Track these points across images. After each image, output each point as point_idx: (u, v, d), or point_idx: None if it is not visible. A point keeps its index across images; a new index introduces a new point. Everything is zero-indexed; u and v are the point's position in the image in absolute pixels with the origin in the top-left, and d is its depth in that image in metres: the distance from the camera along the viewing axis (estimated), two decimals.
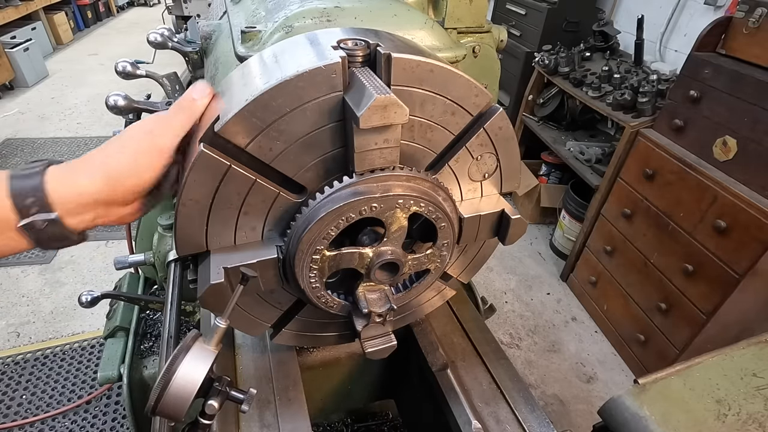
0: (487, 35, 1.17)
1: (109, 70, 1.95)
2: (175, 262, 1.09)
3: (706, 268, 2.08)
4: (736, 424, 0.78)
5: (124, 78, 1.08)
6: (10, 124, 4.80)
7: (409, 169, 0.67)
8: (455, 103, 0.67)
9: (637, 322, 2.53)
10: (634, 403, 0.81)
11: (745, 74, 1.94)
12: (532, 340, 2.79)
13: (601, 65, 2.88)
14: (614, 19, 3.37)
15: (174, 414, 0.54)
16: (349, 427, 1.48)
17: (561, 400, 2.46)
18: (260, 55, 0.67)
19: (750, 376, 0.86)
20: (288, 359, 0.97)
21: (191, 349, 0.56)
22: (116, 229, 3.40)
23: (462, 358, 1.00)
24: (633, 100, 2.49)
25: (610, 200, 2.66)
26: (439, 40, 0.93)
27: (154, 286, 1.65)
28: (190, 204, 0.62)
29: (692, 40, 2.21)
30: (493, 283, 3.18)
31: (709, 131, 2.11)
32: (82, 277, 3.02)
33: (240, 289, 0.62)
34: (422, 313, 0.96)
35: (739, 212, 1.93)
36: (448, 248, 0.76)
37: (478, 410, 0.89)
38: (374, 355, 0.82)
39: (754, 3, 1.93)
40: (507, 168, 0.78)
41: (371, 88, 0.56)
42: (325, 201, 0.64)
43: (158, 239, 1.34)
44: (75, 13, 7.67)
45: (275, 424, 0.84)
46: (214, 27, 1.12)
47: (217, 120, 0.58)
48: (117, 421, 2.22)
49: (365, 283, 0.75)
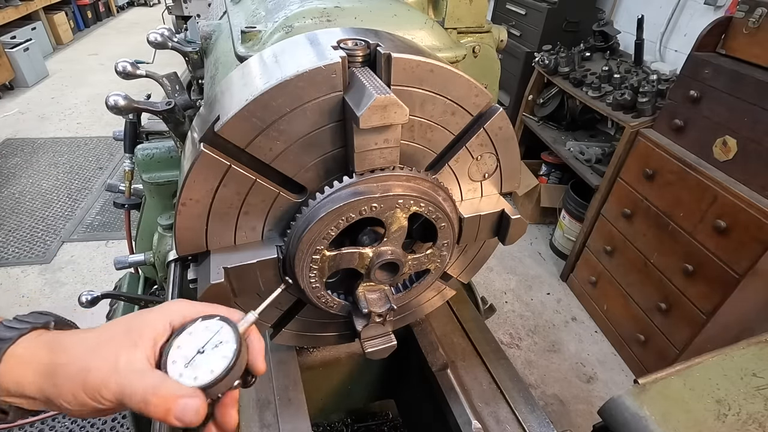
0: (487, 35, 1.17)
1: (109, 70, 1.96)
2: (175, 262, 1.09)
3: (706, 268, 2.08)
4: (736, 424, 0.78)
5: (124, 78, 1.08)
6: (10, 124, 4.80)
7: (409, 169, 0.67)
8: (455, 103, 0.67)
9: (637, 322, 2.53)
10: (634, 403, 0.81)
11: (745, 74, 1.94)
12: (532, 340, 2.79)
13: (601, 65, 2.88)
14: (614, 19, 3.37)
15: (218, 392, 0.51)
16: (349, 427, 1.48)
17: (561, 400, 2.46)
18: (260, 55, 0.67)
19: (750, 376, 0.86)
20: (288, 359, 0.97)
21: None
22: (116, 229, 3.41)
23: (462, 358, 1.00)
24: (633, 100, 2.48)
25: (610, 200, 2.66)
26: (439, 40, 0.93)
27: (154, 286, 1.65)
28: (190, 204, 0.62)
29: (692, 40, 2.21)
30: (493, 283, 3.18)
31: (709, 131, 2.11)
32: (82, 277, 3.02)
33: (279, 291, 0.60)
34: (422, 313, 0.96)
35: (739, 212, 1.92)
36: (448, 248, 0.76)
37: (478, 410, 0.89)
38: (374, 355, 0.82)
39: (754, 3, 1.93)
40: (507, 168, 0.78)
41: (371, 88, 0.56)
42: (325, 201, 0.64)
43: (158, 239, 1.34)
44: (75, 13, 7.66)
45: (275, 424, 0.84)
46: (214, 27, 1.12)
47: (217, 120, 0.58)
48: (117, 421, 2.22)
49: (365, 283, 0.75)
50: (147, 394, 0.47)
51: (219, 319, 0.53)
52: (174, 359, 0.50)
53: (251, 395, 0.89)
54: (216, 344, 0.51)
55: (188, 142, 0.68)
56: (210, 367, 0.49)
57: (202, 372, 0.49)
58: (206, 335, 0.51)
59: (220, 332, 0.52)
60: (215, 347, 0.51)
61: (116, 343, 0.51)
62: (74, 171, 4.08)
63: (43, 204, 3.64)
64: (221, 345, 0.51)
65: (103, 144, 4.47)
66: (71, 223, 3.46)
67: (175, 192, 1.39)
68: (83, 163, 4.19)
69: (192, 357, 0.50)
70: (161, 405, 0.46)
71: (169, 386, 0.47)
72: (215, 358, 0.50)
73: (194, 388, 0.48)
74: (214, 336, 0.51)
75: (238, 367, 0.51)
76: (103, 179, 3.98)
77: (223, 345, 0.51)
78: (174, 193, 1.39)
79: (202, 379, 0.49)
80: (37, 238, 3.30)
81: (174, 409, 0.46)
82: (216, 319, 0.53)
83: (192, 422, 0.47)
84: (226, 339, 0.51)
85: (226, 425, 0.52)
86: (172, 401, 0.46)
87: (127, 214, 1.73)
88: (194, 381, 0.49)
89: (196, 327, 0.52)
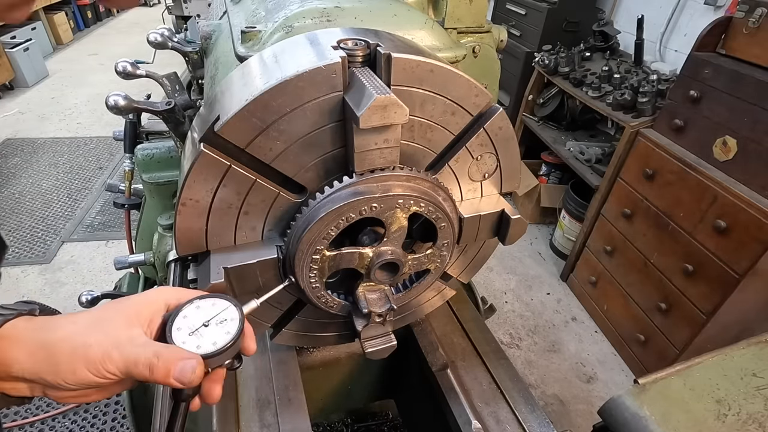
0: (487, 35, 1.17)
1: (109, 70, 1.97)
2: (175, 262, 1.09)
3: (706, 268, 2.08)
4: (736, 424, 0.78)
5: (124, 78, 1.08)
6: (10, 124, 4.80)
7: (409, 169, 0.67)
8: (455, 103, 0.67)
9: (637, 322, 2.53)
10: (634, 403, 0.81)
11: (745, 74, 1.94)
12: (532, 340, 2.79)
13: (601, 65, 2.88)
14: (614, 19, 3.37)
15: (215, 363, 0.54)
16: (349, 427, 1.48)
17: (561, 400, 2.46)
18: (260, 55, 0.67)
19: (750, 376, 0.86)
20: (288, 359, 0.97)
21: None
22: (116, 228, 3.41)
23: (462, 358, 1.00)
24: (633, 100, 2.48)
25: (610, 200, 2.66)
26: (439, 40, 0.93)
27: (154, 286, 1.65)
28: (190, 204, 0.62)
29: (692, 40, 2.21)
30: (493, 283, 3.18)
31: (709, 131, 2.11)
32: (82, 277, 3.02)
33: (285, 284, 0.65)
34: (422, 313, 0.96)
35: (739, 212, 1.92)
36: (448, 248, 0.76)
37: (478, 410, 0.89)
38: (374, 355, 0.82)
39: (754, 3, 1.93)
40: (507, 168, 0.78)
41: (371, 88, 0.56)
42: (325, 201, 0.64)
43: (158, 239, 1.34)
44: (75, 13, 7.66)
45: (275, 424, 0.84)
46: (214, 27, 1.12)
47: (217, 120, 0.58)
48: (117, 421, 2.22)
49: (365, 283, 0.75)
50: (151, 359, 0.49)
51: (227, 299, 0.57)
52: (179, 327, 0.54)
53: (251, 395, 0.89)
54: (221, 320, 0.55)
55: (188, 142, 0.68)
56: (213, 339, 0.53)
57: (204, 342, 0.53)
58: (213, 311, 0.55)
59: (227, 311, 0.56)
60: (220, 323, 0.55)
61: (114, 322, 0.53)
62: (74, 171, 4.08)
63: (43, 204, 3.64)
64: (225, 322, 0.55)
65: (103, 144, 4.47)
66: (71, 223, 3.46)
67: (175, 192, 1.39)
68: (83, 163, 4.19)
69: (197, 328, 0.54)
70: (163, 367, 0.49)
71: (172, 350, 0.51)
72: (219, 333, 0.54)
73: (194, 353, 0.51)
74: (221, 313, 0.56)
75: (237, 345, 0.55)
76: (103, 179, 3.98)
77: (227, 322, 0.55)
78: (174, 193, 1.39)
79: (205, 348, 0.52)
80: (37, 238, 3.30)
81: (173, 370, 0.49)
82: (224, 298, 0.57)
83: (190, 381, 0.50)
84: (231, 317, 0.55)
85: (211, 398, 0.56)
86: (172, 363, 0.49)
87: (127, 214, 1.73)
88: (197, 349, 0.52)
89: (204, 302, 0.56)
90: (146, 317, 0.54)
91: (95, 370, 0.49)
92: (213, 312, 0.55)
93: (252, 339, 0.59)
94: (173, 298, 0.57)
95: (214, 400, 0.57)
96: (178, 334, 0.53)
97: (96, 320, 0.53)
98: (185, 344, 0.52)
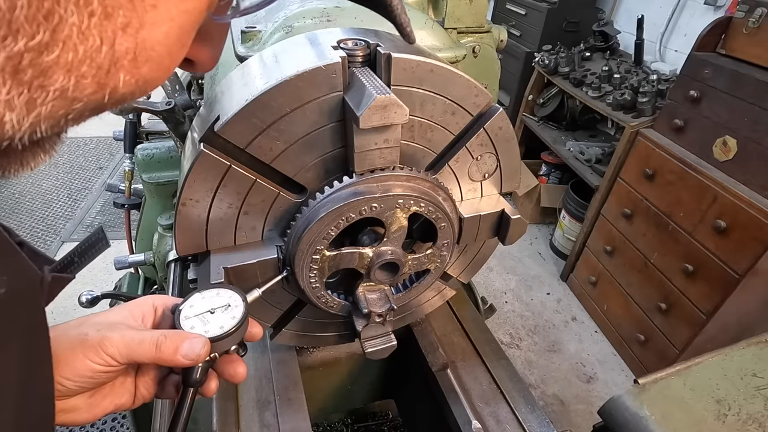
0: (487, 35, 1.17)
1: None
2: (175, 262, 1.09)
3: (706, 268, 2.08)
4: (736, 424, 0.78)
5: None
6: None
7: (409, 169, 0.67)
8: (455, 103, 0.67)
9: (637, 322, 2.53)
10: (634, 403, 0.81)
11: (745, 74, 1.94)
12: (532, 340, 2.79)
13: (601, 65, 2.88)
14: (614, 19, 3.37)
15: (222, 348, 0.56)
16: (349, 427, 1.48)
17: (561, 400, 2.46)
18: (260, 55, 0.67)
19: (750, 376, 0.86)
20: (288, 359, 0.97)
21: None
22: (116, 229, 3.41)
23: (462, 358, 1.00)
24: (633, 100, 2.49)
25: (610, 200, 2.66)
26: (439, 40, 0.93)
27: (154, 286, 1.65)
28: (190, 204, 0.62)
29: (692, 40, 2.21)
30: (493, 283, 3.18)
31: (709, 131, 2.11)
32: (82, 277, 3.01)
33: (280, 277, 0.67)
34: (422, 313, 0.96)
35: (739, 212, 1.92)
36: (448, 248, 0.76)
37: (478, 410, 0.89)
38: (374, 355, 0.82)
39: (754, 3, 1.93)
40: (507, 168, 0.78)
41: (371, 88, 0.56)
42: (325, 201, 0.64)
43: (158, 239, 1.34)
44: None
45: (275, 424, 0.84)
46: None
47: (217, 120, 0.58)
48: (117, 421, 2.22)
49: (365, 283, 0.75)
50: (158, 337, 0.51)
51: (230, 287, 0.60)
52: (186, 315, 0.56)
53: (251, 395, 0.89)
54: (225, 308, 0.58)
55: (188, 142, 0.68)
56: (219, 324, 0.56)
57: (212, 327, 0.55)
58: (218, 300, 0.59)
59: (231, 299, 0.59)
60: (225, 310, 0.58)
61: (109, 317, 0.55)
62: (74, 171, 4.07)
63: (43, 204, 3.64)
64: (230, 308, 0.58)
65: (103, 144, 4.47)
66: (71, 223, 3.46)
67: (175, 192, 1.39)
68: (83, 163, 4.19)
69: (202, 313, 0.57)
70: (171, 345, 0.50)
71: (179, 332, 0.53)
72: (225, 318, 0.57)
73: (201, 335, 0.54)
74: (226, 301, 0.59)
75: (243, 329, 0.57)
76: (103, 179, 3.98)
77: (231, 308, 0.58)
78: (174, 193, 1.39)
79: (213, 332, 0.55)
80: (37, 238, 3.30)
81: (181, 347, 0.51)
82: (227, 287, 0.60)
83: (197, 357, 0.51)
84: (235, 304, 0.58)
85: (237, 376, 0.59)
86: (180, 340, 0.51)
87: (127, 214, 1.73)
88: (205, 333, 0.55)
89: (208, 293, 0.59)
90: (138, 315, 0.57)
91: (94, 355, 0.49)
92: (217, 301, 0.58)
93: (257, 325, 0.61)
94: (160, 300, 0.60)
95: (241, 377, 0.59)
96: (186, 322, 0.56)
97: (88, 317, 0.54)
98: (194, 329, 0.55)
